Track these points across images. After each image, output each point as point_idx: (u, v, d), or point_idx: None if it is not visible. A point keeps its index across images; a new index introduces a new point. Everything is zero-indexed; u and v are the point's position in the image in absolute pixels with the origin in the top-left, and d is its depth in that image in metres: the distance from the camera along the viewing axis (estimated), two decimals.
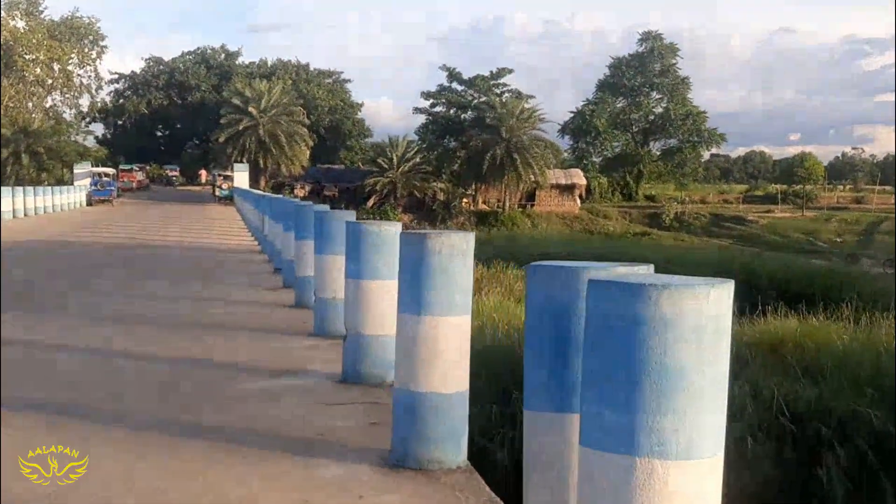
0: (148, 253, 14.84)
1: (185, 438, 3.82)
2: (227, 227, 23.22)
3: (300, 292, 7.85)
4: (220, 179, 46.38)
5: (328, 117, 67.45)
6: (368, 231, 4.79)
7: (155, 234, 19.98)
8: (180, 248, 16.11)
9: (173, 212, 33.97)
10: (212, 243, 17.21)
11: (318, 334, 6.33)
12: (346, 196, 52.19)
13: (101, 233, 19.65)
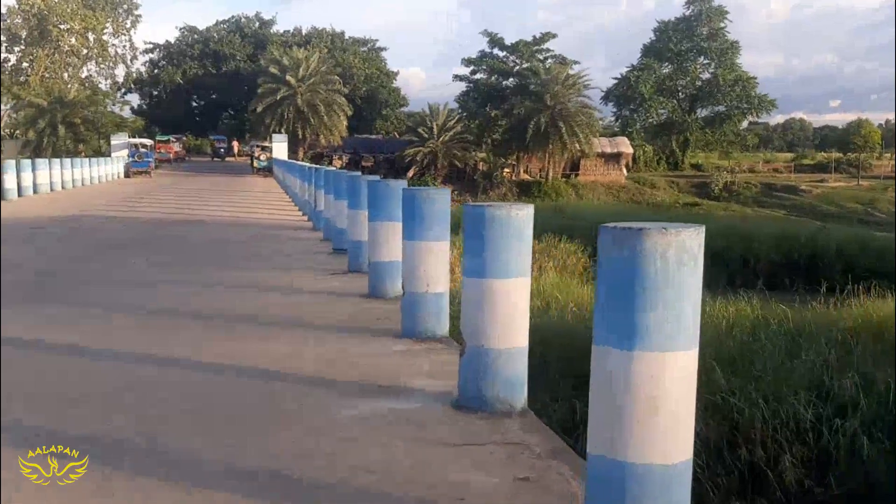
0: (189, 230, 13.86)
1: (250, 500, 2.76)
2: (271, 200, 22.25)
3: (377, 281, 6.73)
4: (257, 150, 45.49)
5: (364, 86, 66.19)
6: (498, 217, 3.67)
7: (196, 207, 19.05)
8: (224, 224, 15.12)
9: (212, 184, 33.11)
10: (258, 218, 16.21)
11: (408, 336, 5.24)
12: (384, 166, 51.07)
13: (141, 207, 18.77)
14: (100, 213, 16.61)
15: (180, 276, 8.31)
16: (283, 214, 17.15)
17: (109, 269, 8.86)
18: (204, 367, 4.59)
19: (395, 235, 6.58)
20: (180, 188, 28.83)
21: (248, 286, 7.63)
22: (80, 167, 29.32)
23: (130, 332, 5.50)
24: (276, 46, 58.81)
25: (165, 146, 53.66)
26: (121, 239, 12.09)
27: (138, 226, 14.35)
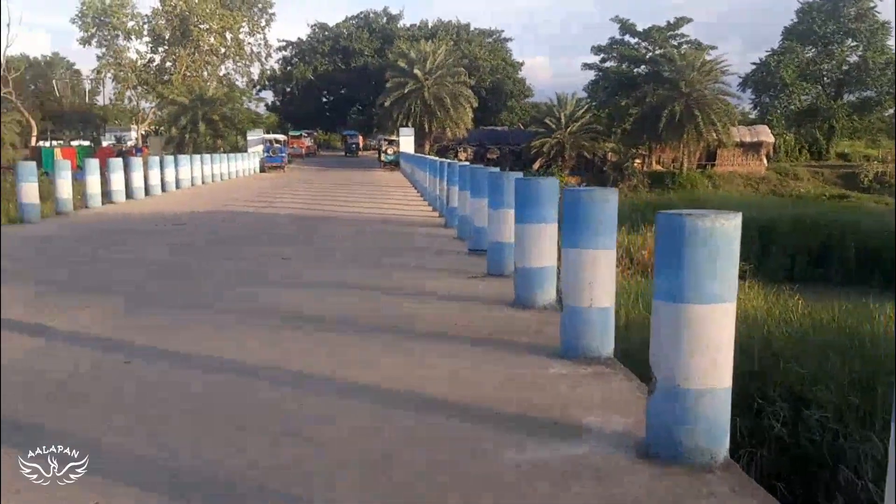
0: (319, 226, 13.74)
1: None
2: (399, 195, 22.09)
3: (524, 288, 6.14)
4: (384, 144, 45.87)
5: (490, 78, 65.77)
6: (702, 230, 3.00)
7: (326, 202, 19.09)
8: (353, 219, 14.96)
9: (341, 178, 33.53)
10: (386, 213, 15.97)
11: (568, 356, 4.61)
12: (510, 158, 50.43)
13: (275, 202, 18.97)
14: (236, 208, 16.85)
15: (311, 276, 8.01)
16: (413, 210, 16.85)
17: (243, 266, 8.70)
18: (343, 391, 4.12)
19: (545, 238, 6.00)
20: (311, 183, 29.29)
21: (377, 288, 7.21)
22: (219, 163, 30.27)
23: (260, 342, 5.14)
24: (404, 40, 59.27)
25: (297, 141, 55.12)
26: (256, 235, 12.05)
27: (272, 221, 14.37)
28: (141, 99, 59.26)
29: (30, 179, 13.21)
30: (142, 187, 19.38)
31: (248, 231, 12.77)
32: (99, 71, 57.90)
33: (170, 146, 44.18)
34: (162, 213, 15.36)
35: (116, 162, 18.12)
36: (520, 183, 6.16)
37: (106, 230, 12.54)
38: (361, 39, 71.38)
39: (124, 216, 14.92)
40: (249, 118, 50.94)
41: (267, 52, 63.31)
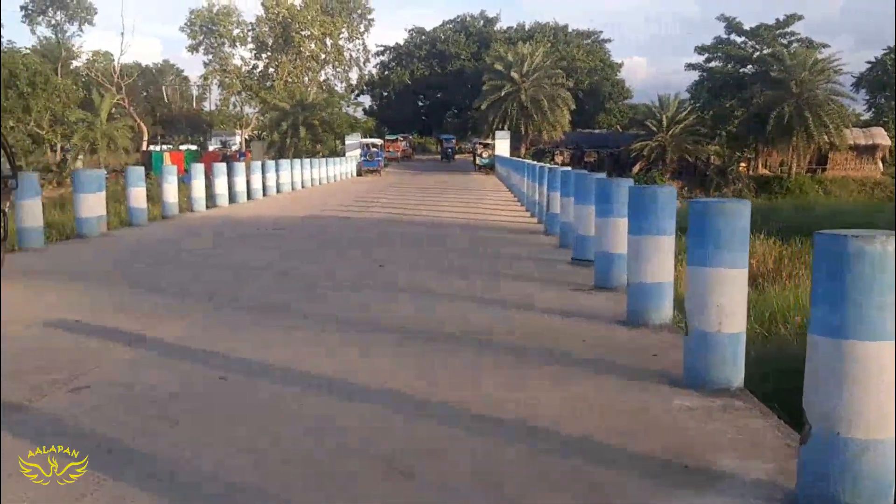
0: (414, 231, 13.58)
1: None
2: (495, 199, 21.81)
3: (638, 305, 5.71)
4: (479, 147, 45.68)
5: (587, 79, 64.73)
6: (869, 254, 2.58)
7: (421, 206, 18.98)
8: (449, 224, 14.72)
9: (436, 182, 33.51)
10: (483, 219, 15.68)
11: (693, 385, 4.19)
12: (608, 162, 49.37)
13: (372, 206, 19.00)
14: (334, 213, 16.93)
15: (407, 284, 7.79)
16: (510, 215, 16.52)
17: (340, 273, 8.57)
18: (443, 417, 3.82)
19: (663, 252, 5.57)
20: (407, 186, 29.36)
21: (474, 298, 6.91)
22: (317, 167, 30.76)
23: (356, 357, 4.91)
24: (500, 43, 58.99)
25: (394, 145, 55.65)
26: (352, 240, 11.99)
27: (369, 226, 14.32)
28: (245, 104, 61.13)
29: (138, 184, 13.59)
30: (244, 191, 19.78)
31: (344, 236, 12.73)
32: (206, 77, 60.06)
33: (271, 150, 45.31)
34: (262, 218, 15.56)
35: (220, 167, 18.55)
36: (634, 191, 5.75)
37: (208, 234, 12.74)
38: (458, 43, 71.55)
39: (226, 220, 15.18)
40: (347, 122, 51.74)
41: (365, 57, 64.36)
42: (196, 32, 56.77)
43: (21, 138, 39.49)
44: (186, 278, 8.17)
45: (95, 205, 11.61)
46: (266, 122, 51.87)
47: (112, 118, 48.84)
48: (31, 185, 10.23)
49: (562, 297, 6.98)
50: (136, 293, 7.20)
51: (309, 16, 55.21)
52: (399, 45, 74.54)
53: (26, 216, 10.06)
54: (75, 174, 12.04)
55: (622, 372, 4.54)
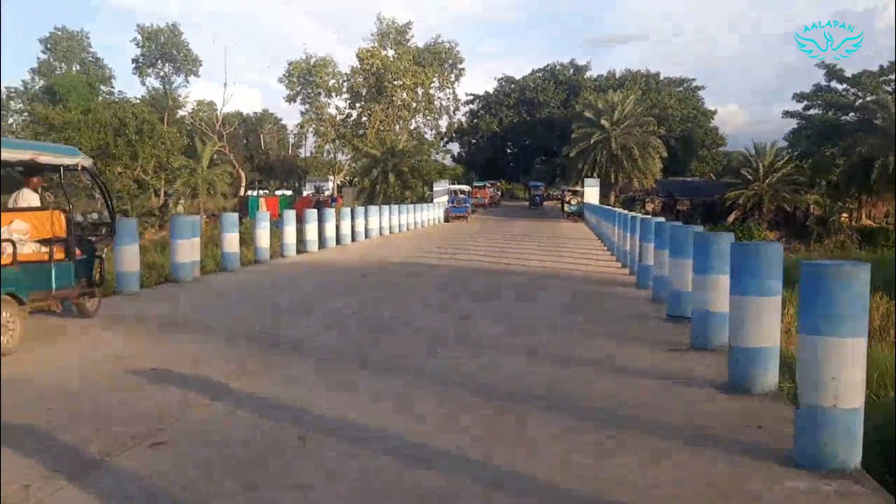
0: (502, 280, 13.36)
1: None
2: (584, 248, 21.39)
3: (740, 369, 5.32)
4: (568, 195, 45.32)
5: (679, 127, 63.66)
6: None
7: (508, 254, 18.75)
8: (536, 274, 14.45)
9: (524, 228, 33.27)
10: (571, 268, 15.33)
11: (805, 464, 3.81)
12: (701, 211, 48.04)
13: (459, 253, 18.91)
14: (420, 259, 16.92)
15: (490, 338, 7.57)
16: (599, 265, 16.11)
17: (424, 323, 8.44)
18: (532, 488, 3.58)
19: (768, 314, 5.20)
20: (493, 233, 29.21)
21: (561, 357, 6.62)
22: (406, 213, 31.06)
23: (436, 417, 4.70)
24: (590, 91, 58.82)
25: (481, 191, 55.89)
26: (437, 288, 11.88)
27: (454, 274, 14.19)
28: (338, 151, 62.75)
29: (231, 230, 13.91)
30: (333, 237, 20.06)
31: (429, 284, 12.65)
32: (302, 126, 62.09)
33: (361, 196, 46.15)
34: (349, 264, 15.68)
35: (311, 213, 18.88)
36: (737, 247, 5.41)
37: (297, 280, 12.88)
38: (547, 91, 71.79)
39: (315, 266, 15.35)
40: (436, 169, 52.31)
41: (455, 105, 65.29)
42: (294, 83, 58.85)
43: (128, 183, 41.53)
44: (272, 325, 8.19)
45: (190, 250, 11.91)
46: (357, 169, 53.02)
47: (213, 164, 50.88)
48: (130, 230, 10.58)
49: (656, 357, 6.62)
50: (223, 341, 7.24)
51: (402, 66, 56.53)
52: (488, 94, 75.34)
53: (124, 261, 10.38)
54: (172, 220, 12.43)
55: (725, 446, 4.18)
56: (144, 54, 59.75)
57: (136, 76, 60.81)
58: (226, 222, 14.10)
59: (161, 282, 11.96)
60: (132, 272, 10.45)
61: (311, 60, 58.56)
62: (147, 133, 43.27)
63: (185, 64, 61.04)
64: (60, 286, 7.29)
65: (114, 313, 8.61)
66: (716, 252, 6.48)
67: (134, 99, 55.70)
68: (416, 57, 59.76)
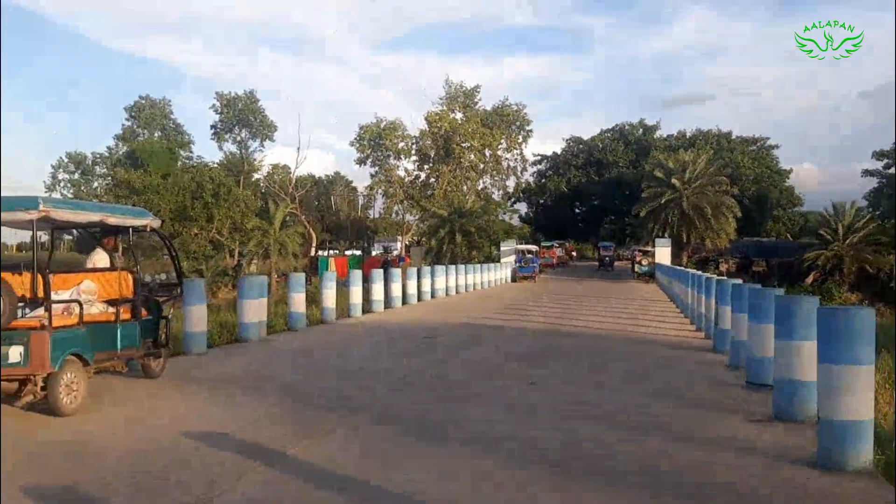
0: (573, 343, 12.98)
1: None
2: (656, 310, 20.77)
3: (831, 442, 4.89)
4: (638, 255, 44.47)
5: (753, 186, 62.23)
6: None
7: (578, 316, 18.32)
8: (607, 337, 14.01)
9: (593, 289, 32.63)
10: (644, 331, 14.81)
11: None
12: (778, 272, 46.47)
13: (527, 315, 18.56)
14: (486, 320, 16.67)
15: (559, 403, 7.25)
16: (672, 328, 15.54)
17: (487, 388, 8.17)
18: None
19: (861, 384, 4.79)
20: (562, 295, 28.71)
21: (637, 425, 6.25)
22: (472, 273, 30.93)
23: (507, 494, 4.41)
24: (660, 151, 58.25)
25: (549, 251, 55.43)
26: (504, 352, 11.59)
27: (521, 337, 13.88)
28: (406, 212, 63.45)
29: (298, 290, 13.98)
30: (400, 297, 20.01)
31: (495, 347, 12.37)
32: (371, 187, 63.07)
33: (429, 256, 46.31)
34: (415, 324, 15.53)
35: (377, 273, 18.90)
36: (825, 312, 5.02)
37: (361, 342, 12.79)
38: (616, 151, 71.47)
39: (380, 327, 15.25)
40: (503, 229, 52.22)
41: (523, 165, 65.41)
42: (364, 146, 60.11)
43: (203, 244, 42.74)
44: (334, 388, 8.05)
45: (257, 310, 11.97)
46: (425, 229, 53.38)
47: (285, 225, 52.02)
48: (198, 291, 10.68)
49: (736, 428, 6.20)
50: (283, 403, 7.13)
51: (469, 129, 57.16)
52: (556, 154, 75.43)
53: (192, 321, 10.45)
54: (240, 281, 12.56)
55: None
56: (222, 120, 62.08)
57: (214, 141, 63.15)
58: (293, 283, 14.20)
59: (231, 341, 12.03)
60: (199, 332, 10.51)
61: (381, 124, 59.81)
62: (223, 196, 44.63)
63: (260, 129, 63.13)
64: (126, 346, 7.33)
65: (178, 374, 8.62)
66: (800, 316, 6.08)
67: (211, 163, 57.76)
68: (484, 119, 60.39)
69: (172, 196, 43.15)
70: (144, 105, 65.43)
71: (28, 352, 6.17)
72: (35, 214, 6.40)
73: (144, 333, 7.65)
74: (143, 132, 64.27)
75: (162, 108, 66.31)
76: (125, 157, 58.31)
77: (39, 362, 6.17)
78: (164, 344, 8.13)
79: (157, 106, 65.93)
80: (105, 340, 7.10)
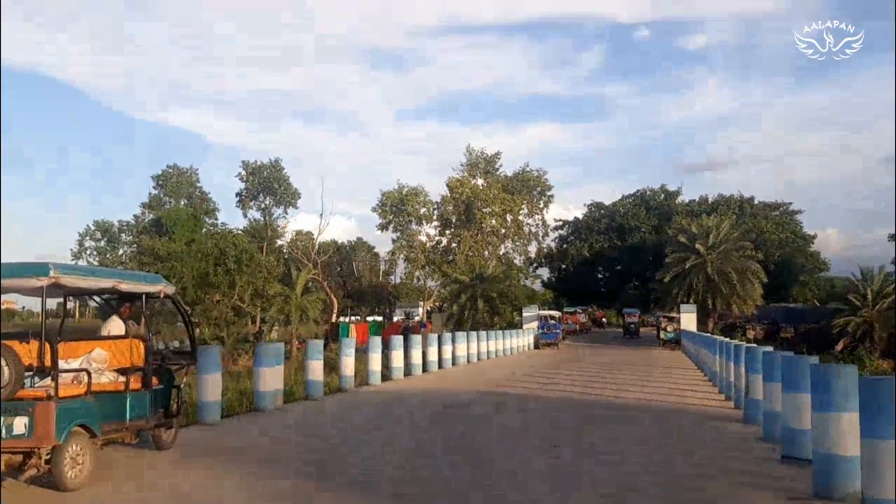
0: (598, 414, 12.56)
1: None
2: (683, 378, 20.23)
3: None
4: (664, 321, 43.79)
5: (778, 252, 61.54)
6: None
7: (601, 384, 17.84)
8: (634, 407, 13.56)
9: (617, 357, 31.95)
10: (671, 401, 14.35)
11: None
12: (806, 338, 45.49)
13: (551, 383, 18.11)
14: (508, 388, 16.30)
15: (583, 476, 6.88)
16: (700, 398, 15.05)
17: (513, 462, 7.81)
18: None
19: None
20: (585, 362, 28.12)
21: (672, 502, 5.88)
22: (494, 339, 30.52)
23: None
24: (683, 216, 58.02)
25: (572, 317, 54.86)
26: (526, 422, 11.22)
27: (544, 406, 13.48)
28: (428, 278, 63.31)
29: (316, 357, 13.74)
30: (420, 364, 19.69)
31: (516, 417, 12.00)
32: (393, 253, 63.23)
33: (450, 322, 45.91)
34: (434, 393, 15.20)
35: (397, 340, 18.61)
36: (868, 383, 4.74)
37: (378, 412, 12.46)
38: (638, 216, 71.29)
39: (399, 395, 14.92)
40: (525, 294, 51.80)
41: (544, 231, 65.42)
42: (386, 212, 60.49)
43: (225, 311, 42.70)
44: (347, 461, 7.75)
45: (272, 379, 11.74)
46: (446, 294, 53.15)
47: (307, 291, 52.05)
48: (213, 359, 10.48)
49: None
50: (292, 476, 6.87)
51: (491, 194, 57.43)
52: (578, 219, 75.34)
53: (206, 390, 10.22)
54: (257, 349, 12.35)
55: None
56: (248, 188, 62.91)
57: (239, 208, 63.84)
58: (311, 350, 13.96)
59: (250, 409, 11.78)
60: (213, 402, 10.26)
61: (403, 190, 60.29)
62: (245, 262, 44.81)
63: (284, 196, 63.83)
64: (135, 417, 7.11)
65: (189, 445, 8.37)
66: (839, 386, 5.76)
67: (236, 230, 58.23)
68: (505, 185, 60.71)
69: (195, 263, 43.38)
70: (172, 174, 66.58)
71: (33, 423, 5.98)
72: (45, 281, 6.29)
73: (156, 403, 7.44)
74: (170, 200, 65.23)
75: (189, 176, 67.39)
76: (150, 225, 59.03)
77: (44, 434, 5.97)
78: (175, 414, 7.90)
79: (184, 174, 67.06)
80: (114, 410, 6.89)
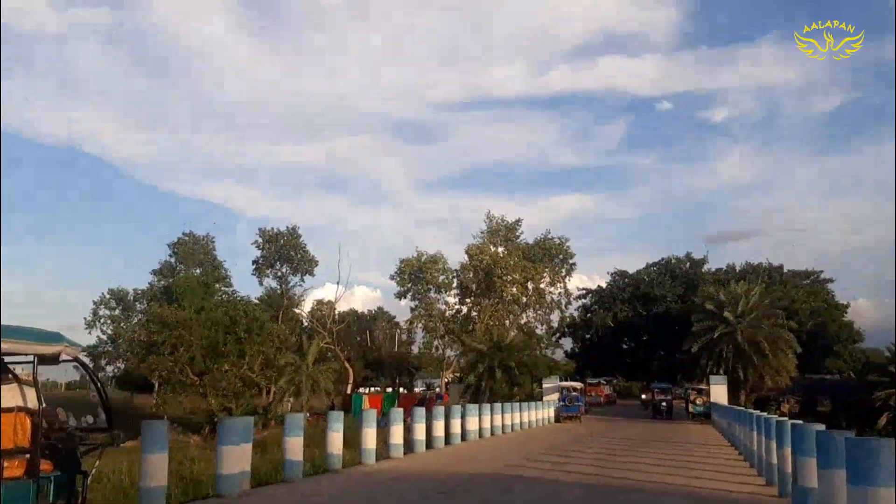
0: (621, 499, 10.78)
1: None
2: (715, 458, 18.27)
3: None
4: (693, 394, 41.42)
5: (810, 321, 59.00)
6: None
7: (626, 465, 15.97)
8: (662, 492, 11.73)
9: (643, 432, 29.78)
10: (703, 485, 12.50)
11: None
12: (845, 412, 42.90)
13: (571, 463, 16.26)
14: (521, 469, 14.53)
15: None
16: (736, 479, 13.20)
17: None
18: None
19: None
20: (609, 438, 26.04)
21: None
22: (513, 412, 28.70)
23: None
24: (710, 284, 56.03)
25: (596, 389, 52.65)
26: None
27: (557, 491, 11.70)
28: (447, 347, 61.32)
29: (296, 433, 12.12)
30: (423, 440, 17.95)
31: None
32: (412, 321, 61.58)
33: (466, 394, 43.87)
34: (435, 474, 13.50)
35: (397, 413, 16.90)
36: None
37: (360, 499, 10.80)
38: (663, 285, 69.18)
39: (390, 476, 13.22)
40: (546, 365, 49.74)
41: (567, 300, 63.42)
42: (405, 280, 59.14)
43: (234, 381, 41.07)
44: None
45: (239, 459, 10.19)
46: (464, 364, 51.20)
47: (323, 361, 50.44)
48: (158, 436, 8.89)
49: None
50: None
51: (511, 262, 55.89)
52: (601, 288, 73.33)
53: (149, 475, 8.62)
54: (219, 425, 10.74)
55: None
56: (264, 256, 62.03)
57: (255, 277, 62.79)
58: (289, 426, 12.28)
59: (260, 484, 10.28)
60: (157, 487, 8.66)
61: (422, 258, 59.07)
62: (256, 331, 43.40)
63: (301, 264, 62.82)
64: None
65: None
66: None
67: (247, 297, 57.08)
68: (526, 252, 59.28)
69: (205, 331, 42.05)
70: (188, 241, 66.09)
71: None
72: None
73: (46, 495, 5.89)
74: (182, 267, 64.57)
75: (205, 244, 66.87)
76: (160, 293, 58.15)
77: None
78: (80, 502, 6.33)
79: (199, 242, 66.55)
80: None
